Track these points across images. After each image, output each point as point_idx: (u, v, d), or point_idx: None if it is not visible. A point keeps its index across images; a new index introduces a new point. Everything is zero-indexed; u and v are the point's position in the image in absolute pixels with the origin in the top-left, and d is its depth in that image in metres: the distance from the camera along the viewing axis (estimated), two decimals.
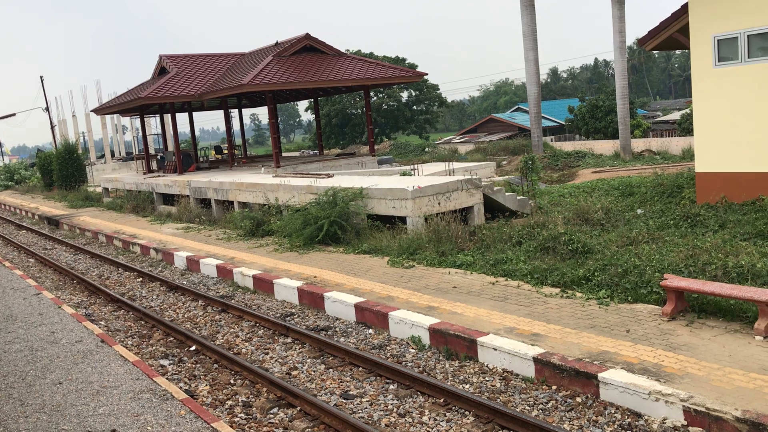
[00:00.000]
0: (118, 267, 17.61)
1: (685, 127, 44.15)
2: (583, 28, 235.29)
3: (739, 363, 7.17)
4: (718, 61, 14.05)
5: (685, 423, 6.45)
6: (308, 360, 9.41)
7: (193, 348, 10.34)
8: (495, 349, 8.35)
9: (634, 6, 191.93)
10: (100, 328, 11.54)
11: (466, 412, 7.36)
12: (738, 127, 13.88)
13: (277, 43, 28.85)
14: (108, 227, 23.66)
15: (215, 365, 9.57)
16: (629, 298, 9.61)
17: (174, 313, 12.63)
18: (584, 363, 7.51)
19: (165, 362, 9.84)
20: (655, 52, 19.52)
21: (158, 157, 33.83)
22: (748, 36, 13.49)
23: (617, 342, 8.08)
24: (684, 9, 15.32)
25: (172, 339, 10.99)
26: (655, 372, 7.14)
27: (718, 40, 13.98)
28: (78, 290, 15.35)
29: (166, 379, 8.93)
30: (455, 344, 8.89)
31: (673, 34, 16.12)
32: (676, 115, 58.24)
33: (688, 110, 48.17)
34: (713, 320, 8.51)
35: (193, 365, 9.67)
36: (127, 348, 10.43)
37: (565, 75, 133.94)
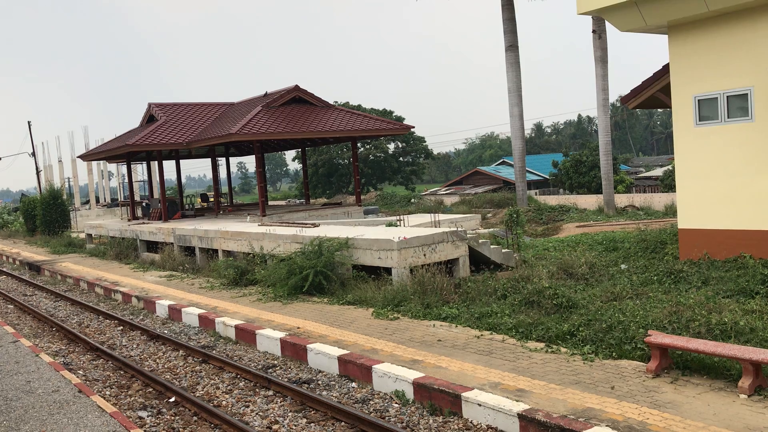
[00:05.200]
0: (98, 315, 17.37)
1: (667, 184, 44.79)
2: (567, 85, 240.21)
3: (724, 422, 7.13)
4: (699, 121, 14.36)
5: None
6: (290, 413, 9.26)
7: (173, 399, 10.15)
8: (479, 405, 8.26)
9: (617, 64, 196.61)
10: (77, 377, 11.31)
11: None
12: (719, 184, 14.11)
13: (266, 94, 29.18)
14: (90, 274, 23.41)
15: (195, 417, 9.39)
16: (614, 354, 9.60)
17: (154, 362, 12.43)
18: (569, 420, 7.44)
19: (143, 414, 9.64)
20: (637, 110, 19.97)
21: (143, 204, 33.73)
22: (728, 97, 13.83)
23: (602, 399, 8.03)
24: (665, 69, 15.72)
25: (151, 390, 10.79)
26: (641, 430, 7.08)
27: (698, 100, 14.31)
28: (57, 338, 15.09)
29: (144, 431, 8.73)
30: (439, 399, 8.79)
31: (655, 93, 16.50)
32: (658, 171, 59.13)
33: (670, 167, 48.95)
34: (697, 377, 8.50)
35: (172, 417, 9.47)
36: (105, 398, 10.21)
37: (549, 130, 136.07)
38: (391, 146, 71.84)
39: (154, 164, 44.28)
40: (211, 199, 38.24)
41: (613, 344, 9.80)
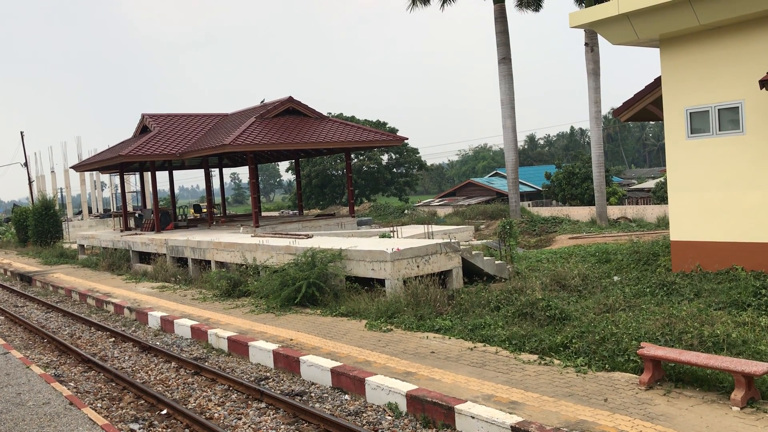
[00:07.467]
0: (90, 326, 17.27)
1: (659, 195, 45.00)
2: (560, 98, 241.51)
3: None
4: (691, 133, 14.44)
5: None
6: (282, 426, 9.21)
7: (165, 412, 10.09)
8: (473, 417, 8.24)
9: (610, 77, 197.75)
10: (69, 389, 11.24)
11: None
12: (711, 197, 14.18)
13: (263, 102, 29.21)
14: (82, 285, 23.30)
15: (186, 430, 9.33)
16: (607, 366, 9.60)
17: (146, 374, 12.36)
18: None
19: (135, 426, 9.57)
20: (630, 122, 20.10)
21: (136, 214, 33.64)
22: (719, 110, 13.92)
23: (595, 411, 8.02)
24: (657, 82, 15.82)
25: (143, 402, 10.73)
26: None
27: (690, 113, 14.40)
28: (48, 350, 15.00)
29: None
30: (432, 411, 8.77)
31: (647, 105, 16.60)
32: (650, 183, 59.40)
33: (662, 179, 49.20)
34: (690, 390, 8.50)
35: (164, 429, 9.41)
36: (96, 410, 10.14)
37: (542, 142, 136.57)
38: (385, 157, 71.98)
39: (147, 175, 44.18)
40: (204, 210, 38.17)
41: (606, 356, 9.81)
